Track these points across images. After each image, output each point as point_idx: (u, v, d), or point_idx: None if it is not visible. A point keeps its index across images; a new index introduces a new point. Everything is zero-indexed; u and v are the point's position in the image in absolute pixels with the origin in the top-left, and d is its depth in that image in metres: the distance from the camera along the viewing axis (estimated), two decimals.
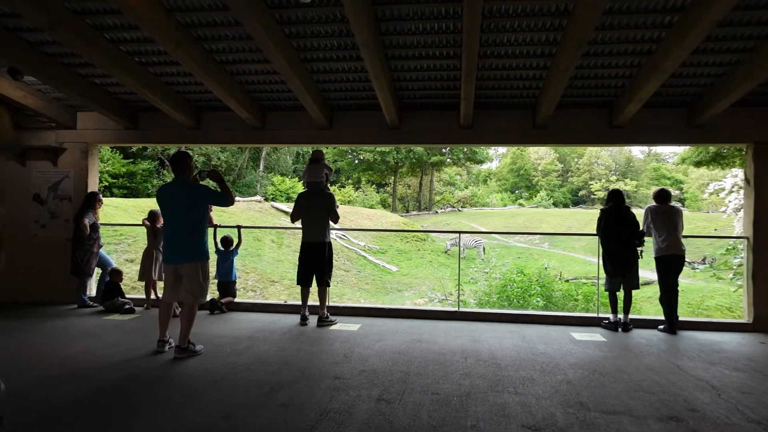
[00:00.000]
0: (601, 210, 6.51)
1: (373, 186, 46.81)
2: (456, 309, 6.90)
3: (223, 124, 7.05)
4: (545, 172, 59.85)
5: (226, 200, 4.93)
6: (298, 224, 6.48)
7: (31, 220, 7.39)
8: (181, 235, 4.72)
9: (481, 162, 46.84)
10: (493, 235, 25.95)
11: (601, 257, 6.41)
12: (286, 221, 20.36)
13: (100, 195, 7.26)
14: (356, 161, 43.15)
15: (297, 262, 6.43)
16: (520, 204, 51.29)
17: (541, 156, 61.22)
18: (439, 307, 7.18)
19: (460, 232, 7.70)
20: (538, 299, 10.14)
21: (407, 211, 43.42)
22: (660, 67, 4.99)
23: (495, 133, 6.66)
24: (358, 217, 24.07)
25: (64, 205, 7.35)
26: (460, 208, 43.62)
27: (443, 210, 42.44)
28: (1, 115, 2.25)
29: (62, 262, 7.11)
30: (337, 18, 4.82)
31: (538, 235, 25.95)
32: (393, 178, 44.98)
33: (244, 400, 3.80)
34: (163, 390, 4.04)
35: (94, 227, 6.95)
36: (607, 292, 6.43)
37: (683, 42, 4.50)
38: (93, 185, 7.43)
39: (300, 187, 33.47)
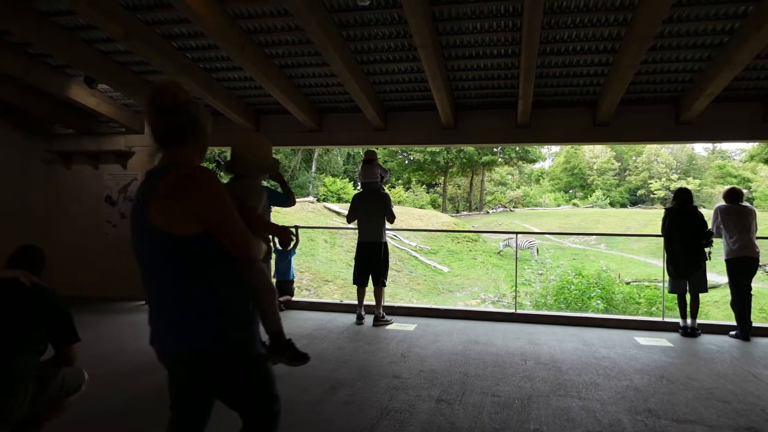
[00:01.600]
0: (666, 209, 6.27)
1: (423, 186, 46.66)
2: (513, 311, 6.80)
3: (281, 126, 7.22)
4: (601, 171, 57.87)
5: (288, 201, 5.05)
6: (353, 224, 6.54)
7: (104, 221, 7.82)
8: None
9: (533, 161, 45.87)
10: (547, 235, 25.38)
11: (665, 259, 6.17)
12: (338, 221, 20.63)
13: None
14: (406, 162, 43.16)
15: (350, 262, 6.51)
16: (574, 204, 49.83)
17: (596, 154, 59.26)
18: (495, 309, 7.09)
19: (516, 233, 7.59)
20: (598, 302, 9.83)
21: (458, 212, 43.06)
22: (732, 60, 4.75)
23: (553, 131, 6.53)
24: (409, 218, 24.08)
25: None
26: (511, 209, 42.84)
27: (494, 210, 41.83)
28: (263, 140, 2.74)
29: (132, 259, 7.44)
30: (394, 20, 4.85)
31: (594, 236, 25.17)
32: (443, 178, 44.73)
33: (306, 396, 3.89)
34: None
35: None
36: (673, 295, 6.18)
37: (759, 32, 4.27)
38: None
39: (351, 188, 33.84)
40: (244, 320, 1.92)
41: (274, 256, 7.15)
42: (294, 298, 7.51)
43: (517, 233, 7.69)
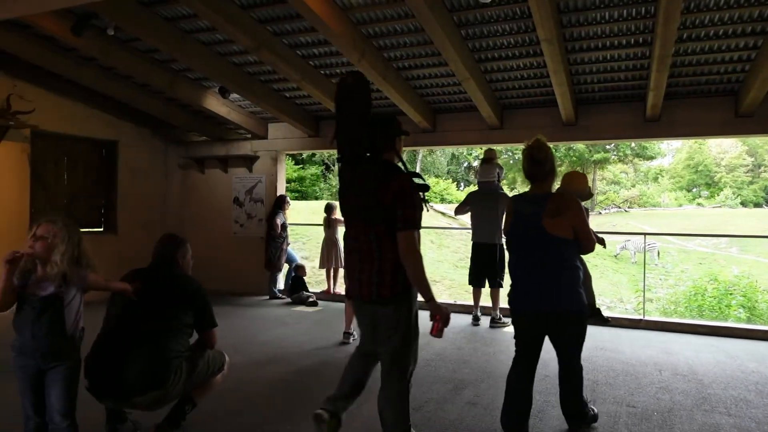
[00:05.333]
0: None
1: (530, 186, 45.14)
2: (640, 317, 6.38)
3: None
4: (730, 168, 52.29)
5: None
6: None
7: (232, 220, 8.44)
8: None
9: (651, 158, 42.70)
10: (668, 237, 23.47)
11: None
12: (443, 222, 20.57)
13: (288, 197, 8.03)
14: (511, 161, 42.08)
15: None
16: (698, 204, 45.66)
17: (724, 149, 53.72)
18: (620, 315, 6.66)
19: (645, 234, 7.10)
20: (740, 310, 8.89)
21: None
22: None
23: (687, 124, 6.03)
24: None
25: (258, 206, 8.26)
26: (626, 209, 40.19)
27: (607, 211, 39.43)
28: (585, 177, 4.21)
29: (256, 257, 7.99)
30: (516, 15, 4.75)
31: (725, 239, 22.85)
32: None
33: (430, 394, 3.91)
34: None
35: (284, 227, 7.71)
36: None
37: None
38: (281, 189, 8.25)
39: (454, 189, 33.65)
40: (584, 292, 2.99)
41: None
42: None
43: (645, 234, 7.19)
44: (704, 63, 5.29)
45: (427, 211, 2.73)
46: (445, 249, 17.49)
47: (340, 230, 7.88)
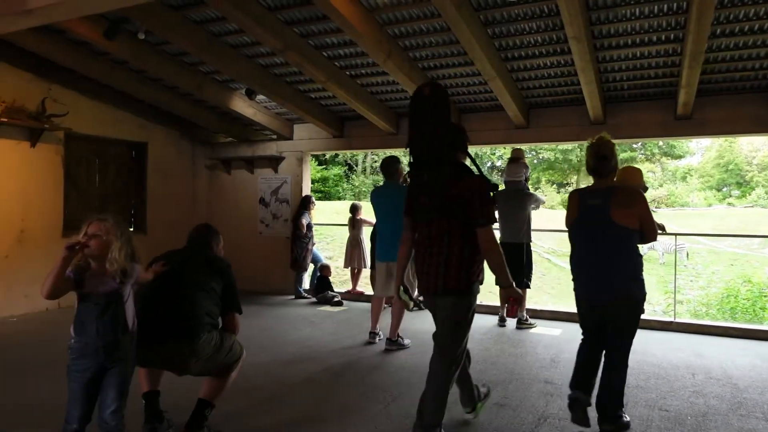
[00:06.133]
0: None
1: (554, 186, 44.60)
2: (671, 320, 6.25)
3: None
4: (762, 166, 50.82)
5: None
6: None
7: (258, 220, 8.53)
8: (392, 234, 5.01)
9: (679, 157, 41.76)
10: (697, 238, 22.90)
11: None
12: None
13: (313, 198, 8.09)
14: (536, 161, 41.62)
15: None
16: (729, 203, 44.50)
17: (756, 147, 52.15)
18: (650, 317, 6.47)
19: (675, 235, 6.95)
20: None
21: None
22: None
23: (720, 122, 5.88)
24: (540, 218, 23.17)
25: (283, 207, 8.33)
26: (654, 209, 39.42)
27: None
28: (640, 172, 4.12)
29: (282, 257, 8.05)
30: (543, 13, 4.70)
31: (758, 239, 22.17)
32: (576, 177, 42.39)
33: (458, 395, 3.88)
34: (380, 377, 4.34)
35: (309, 227, 7.76)
36: None
37: None
38: (306, 189, 8.30)
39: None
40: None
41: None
42: None
43: (676, 235, 7.04)
44: (738, 59, 5.16)
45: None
46: None
47: (365, 230, 7.91)
